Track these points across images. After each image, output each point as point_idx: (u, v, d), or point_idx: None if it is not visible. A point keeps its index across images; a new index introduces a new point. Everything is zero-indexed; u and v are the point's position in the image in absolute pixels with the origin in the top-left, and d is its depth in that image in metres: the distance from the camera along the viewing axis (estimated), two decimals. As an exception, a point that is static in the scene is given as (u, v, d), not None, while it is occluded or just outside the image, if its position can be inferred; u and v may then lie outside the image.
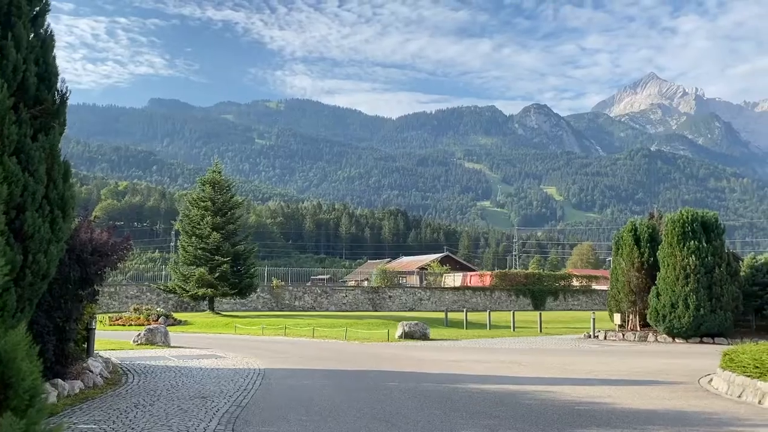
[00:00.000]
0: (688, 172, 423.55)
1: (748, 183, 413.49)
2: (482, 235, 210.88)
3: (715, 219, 25.38)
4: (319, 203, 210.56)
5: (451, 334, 28.49)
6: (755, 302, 25.13)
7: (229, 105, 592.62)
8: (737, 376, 11.03)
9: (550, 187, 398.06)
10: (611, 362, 17.00)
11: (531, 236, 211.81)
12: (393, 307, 49.54)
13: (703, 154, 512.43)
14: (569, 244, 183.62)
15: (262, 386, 12.08)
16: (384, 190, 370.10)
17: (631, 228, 27.30)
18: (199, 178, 44.53)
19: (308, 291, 50.03)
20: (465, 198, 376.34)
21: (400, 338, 25.84)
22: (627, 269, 26.19)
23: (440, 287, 55.13)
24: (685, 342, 23.96)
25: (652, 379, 13.14)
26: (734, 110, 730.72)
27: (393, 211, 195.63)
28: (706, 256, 23.76)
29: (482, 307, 46.38)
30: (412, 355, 19.01)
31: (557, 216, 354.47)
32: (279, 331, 29.28)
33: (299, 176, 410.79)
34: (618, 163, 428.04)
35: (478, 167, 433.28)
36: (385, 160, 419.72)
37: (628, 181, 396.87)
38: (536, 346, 23.57)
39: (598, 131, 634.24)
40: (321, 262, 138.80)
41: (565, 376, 14.00)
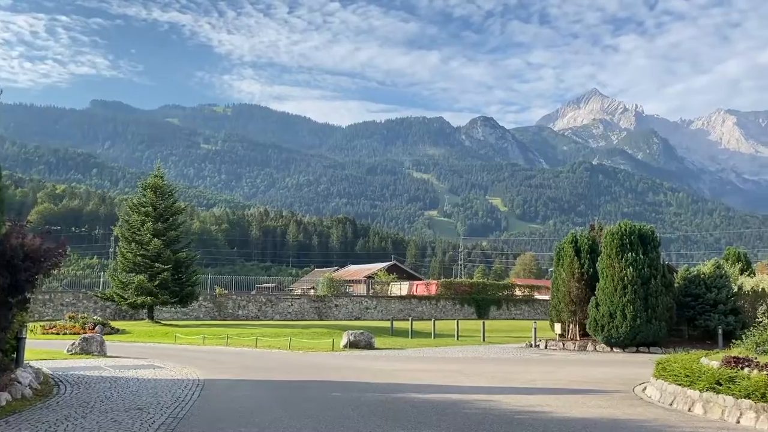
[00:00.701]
0: (628, 186, 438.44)
1: (683, 197, 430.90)
2: (429, 245, 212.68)
3: (651, 232, 26.28)
4: (266, 210, 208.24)
5: (396, 344, 28.53)
6: (688, 313, 26.10)
7: (174, 108, 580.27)
8: (669, 384, 11.41)
9: (496, 198, 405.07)
10: (551, 371, 17.34)
11: (476, 246, 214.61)
12: (339, 316, 49.30)
13: (641, 169, 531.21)
14: (513, 254, 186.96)
15: (201, 397, 11.80)
16: (333, 198, 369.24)
17: (571, 239, 28.01)
18: (140, 183, 43.38)
19: (252, 300, 49.28)
20: (413, 207, 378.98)
21: (345, 348, 25.72)
22: (567, 280, 26.82)
23: (387, 296, 55.19)
24: (622, 351, 24.67)
25: (589, 388, 13.46)
26: (671, 127, 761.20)
27: (341, 219, 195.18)
28: (642, 268, 24.56)
29: (428, 316, 46.61)
30: (357, 365, 18.94)
31: (502, 226, 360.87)
32: (221, 341, 28.71)
33: (246, 182, 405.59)
34: (561, 175, 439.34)
35: (426, 177, 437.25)
36: (335, 168, 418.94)
37: (571, 194, 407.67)
38: (479, 355, 23.86)
39: (542, 144, 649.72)
40: (267, 270, 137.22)
41: (506, 385, 14.20)
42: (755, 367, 10.01)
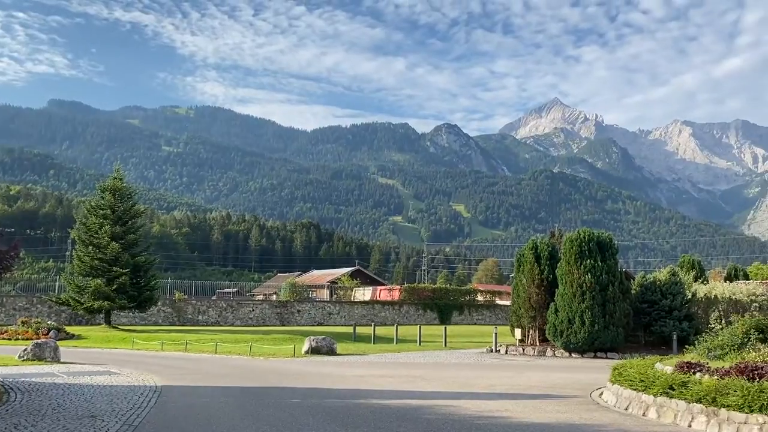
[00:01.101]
0: (588, 194, 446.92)
1: (641, 206, 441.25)
2: (393, 250, 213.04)
3: (609, 239, 26.82)
4: (228, 214, 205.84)
5: (358, 349, 28.47)
6: (644, 319, 26.69)
7: (135, 109, 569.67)
8: (625, 389, 11.64)
9: (459, 204, 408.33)
10: (511, 376, 17.52)
11: (440, 251, 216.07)
12: (301, 322, 48.97)
13: (601, 178, 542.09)
14: (476, 260, 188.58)
15: (158, 404, 11.58)
16: (297, 202, 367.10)
17: (532, 246, 28.39)
18: (99, 185, 42.36)
19: (213, 305, 48.59)
20: (377, 213, 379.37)
21: (306, 353, 25.55)
22: (528, 285, 27.17)
23: (350, 301, 55.05)
24: (580, 357, 25.08)
25: (548, 393, 13.63)
26: (630, 137, 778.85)
27: (305, 224, 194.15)
28: (601, 275, 25.03)
29: (391, 322, 46.69)
30: (318, 371, 18.83)
31: (465, 232, 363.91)
32: (180, 347, 28.24)
33: (208, 185, 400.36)
34: (523, 183, 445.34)
35: (391, 183, 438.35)
36: (299, 172, 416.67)
37: (532, 201, 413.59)
38: (440, 360, 23.97)
39: (504, 152, 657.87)
40: (228, 275, 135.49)
41: (467, 390, 14.29)
42: (706, 372, 10.28)
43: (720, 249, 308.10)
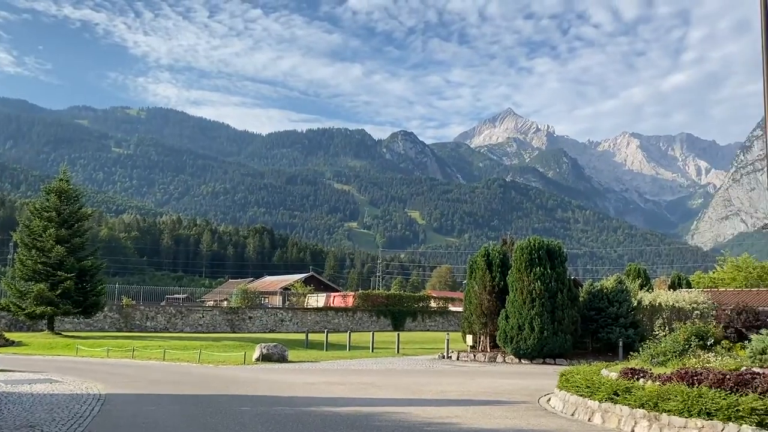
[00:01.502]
0: (539, 203, 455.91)
1: (590, 215, 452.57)
2: (348, 256, 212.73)
3: (559, 247, 27.37)
4: (179, 218, 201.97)
5: (310, 356, 28.27)
6: (592, 326, 27.30)
7: (84, 109, 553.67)
8: (571, 395, 11.87)
9: (414, 211, 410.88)
10: (462, 383, 17.66)
11: (395, 258, 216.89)
12: (253, 329, 48.36)
13: (552, 187, 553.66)
14: (430, 267, 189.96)
15: (102, 413, 11.24)
16: (250, 207, 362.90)
17: (484, 253, 28.74)
18: (44, 186, 41.03)
19: (162, 311, 47.53)
20: (333, 218, 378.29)
21: (257, 361, 25.22)
22: (479, 292, 27.48)
23: (303, 308, 54.66)
24: (530, 363, 25.47)
25: (497, 399, 13.79)
26: (580, 148, 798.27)
27: (258, 229, 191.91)
28: (550, 282, 25.51)
29: (344, 328, 46.52)
30: (269, 378, 18.61)
31: (420, 239, 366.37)
32: (126, 354, 27.50)
33: (159, 189, 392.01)
34: (476, 191, 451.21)
35: (347, 189, 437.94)
36: (253, 177, 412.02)
37: (485, 209, 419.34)
38: (393, 366, 23.99)
39: (459, 160, 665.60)
40: (178, 281, 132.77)
41: (418, 396, 14.34)
42: (649, 378, 10.57)
43: (665, 258, 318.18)
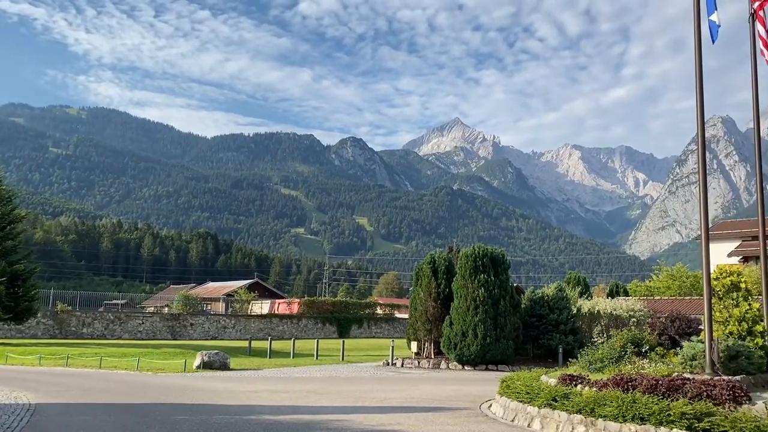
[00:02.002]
0: (484, 211, 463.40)
1: (533, 224, 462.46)
2: (294, 262, 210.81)
3: (502, 255, 27.83)
4: (119, 221, 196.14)
5: (253, 364, 27.83)
6: (533, 332, 27.83)
7: (20, 107, 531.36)
8: (512, 401, 12.03)
9: (362, 217, 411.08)
10: (405, 389, 17.68)
11: (342, 264, 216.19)
12: (194, 336, 47.31)
13: (497, 196, 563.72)
14: (377, 273, 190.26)
15: (31, 424, 10.74)
16: (194, 211, 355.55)
17: (430, 260, 28.97)
18: (-27, 187, 39.10)
19: (99, 317, 45.96)
20: (279, 224, 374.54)
21: (198, 369, 24.67)
22: (425, 299, 27.65)
23: (247, 315, 53.80)
24: (473, 369, 25.74)
25: (439, 406, 13.85)
26: (524, 158, 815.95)
27: (202, 234, 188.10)
28: (493, 289, 25.90)
29: (288, 335, 46.08)
30: (209, 387, 18.19)
31: (367, 246, 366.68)
32: (60, 362, 26.45)
33: (98, 191, 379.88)
34: (424, 198, 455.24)
35: (294, 194, 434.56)
36: (197, 180, 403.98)
37: (432, 216, 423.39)
38: (337, 374, 23.85)
39: (407, 168, 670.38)
40: (118, 286, 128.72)
41: (361, 404, 14.27)
42: (587, 384, 10.81)
43: (604, 266, 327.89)
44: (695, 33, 12.08)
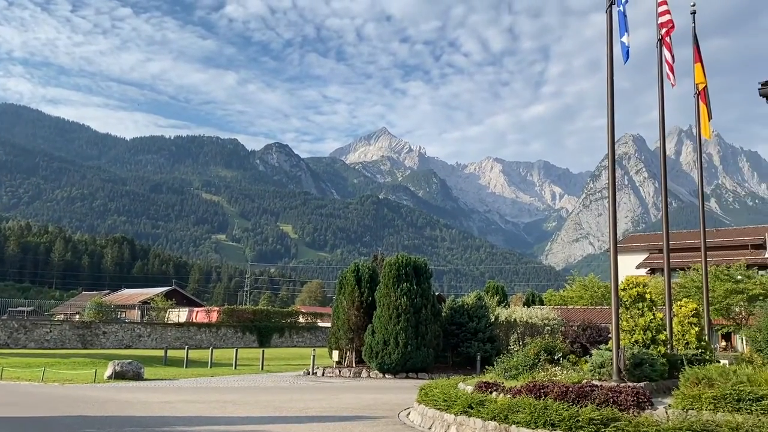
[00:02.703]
0: (409, 221, 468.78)
1: (456, 234, 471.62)
2: (215, 270, 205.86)
3: (425, 264, 28.21)
4: (27, 224, 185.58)
5: (168, 374, 26.94)
6: (453, 340, 28.31)
7: None
8: (430, 409, 12.18)
9: (287, 225, 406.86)
10: (325, 399, 17.58)
11: (264, 272, 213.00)
12: (107, 345, 45.29)
13: (421, 206, 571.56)
14: (300, 282, 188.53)
15: None
16: (110, 214, 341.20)
17: (354, 269, 29.00)
18: None
19: (3, 325, 43.23)
20: (200, 230, 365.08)
21: (109, 379, 23.64)
22: (347, 308, 27.64)
23: (163, 323, 52.01)
24: (394, 377, 25.90)
25: (359, 415, 13.85)
26: (448, 169, 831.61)
27: (118, 239, 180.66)
28: (415, 298, 26.19)
29: (207, 345, 44.92)
30: (120, 398, 17.46)
31: (291, 253, 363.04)
32: (-45, 373, 24.69)
33: (5, 192, 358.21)
34: (350, 207, 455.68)
35: (216, 199, 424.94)
36: (114, 183, 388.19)
37: (358, 225, 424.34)
38: (256, 383, 23.45)
39: (334, 175, 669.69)
40: (24, 292, 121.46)
41: (279, 414, 14.07)
42: (502, 391, 11.09)
43: (522, 276, 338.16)
44: (608, 54, 12.71)
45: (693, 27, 19.54)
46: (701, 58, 18.87)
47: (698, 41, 19.18)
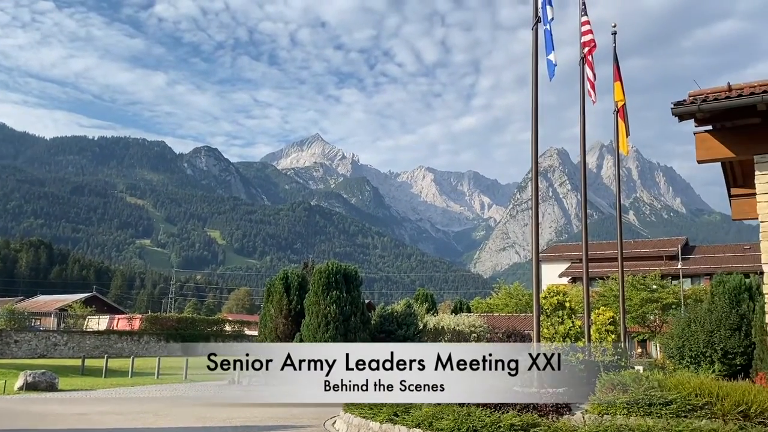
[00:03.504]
0: (341, 228, 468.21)
1: (387, 241, 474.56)
2: (139, 276, 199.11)
3: (355, 272, 28.19)
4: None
5: (86, 384, 25.79)
6: (381, 348, 28.40)
7: None
8: (355, 417, 12.16)
9: (215, 230, 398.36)
10: (249, 408, 17.25)
11: (190, 279, 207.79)
12: (19, 354, 42.96)
13: (354, 213, 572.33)
14: (228, 289, 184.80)
15: None
16: (26, 217, 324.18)
17: (283, 276, 28.69)
18: None
19: None
20: (123, 234, 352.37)
21: (20, 390, 22.39)
22: (275, 316, 27.30)
23: (81, 331, 49.84)
24: (321, 385, 25.69)
25: (283, 424, 13.68)
26: (381, 177, 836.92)
27: (34, 242, 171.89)
28: (345, 305, 26.12)
29: (128, 353, 43.38)
30: (33, 410, 16.58)
31: (219, 260, 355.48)
32: None
33: None
34: (281, 213, 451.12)
35: (141, 203, 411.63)
36: (31, 184, 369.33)
37: (289, 231, 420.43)
38: (178, 393, 22.81)
39: (265, 181, 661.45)
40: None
41: (201, 424, 13.73)
42: (427, 398, 11.20)
43: (451, 284, 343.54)
44: (533, 70, 13.14)
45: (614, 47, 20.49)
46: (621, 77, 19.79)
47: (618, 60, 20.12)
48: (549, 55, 13.72)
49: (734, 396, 9.43)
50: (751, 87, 7.82)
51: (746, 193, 10.38)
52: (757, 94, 7.64)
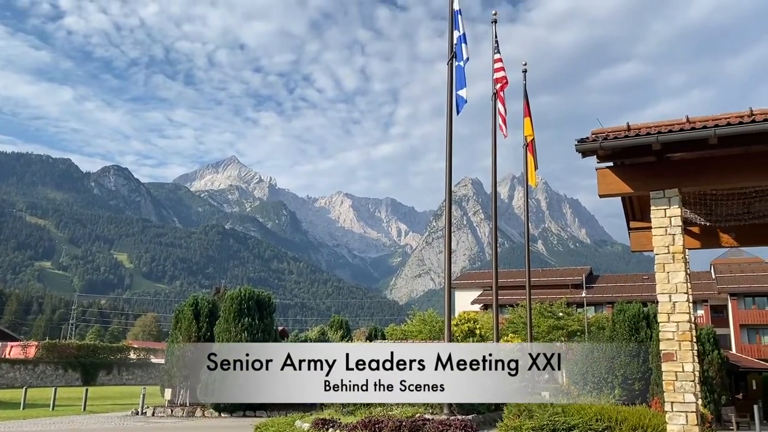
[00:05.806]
0: (256, 252, 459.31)
1: (303, 267, 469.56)
2: (36, 300, 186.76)
3: (268, 298, 27.72)
4: None
5: (-31, 418, 23.81)
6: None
7: None
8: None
9: (122, 253, 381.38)
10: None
11: (94, 304, 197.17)
12: None
13: (270, 238, 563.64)
14: (134, 314, 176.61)
15: None
16: None
17: (192, 302, 27.81)
18: None
19: None
20: (21, 256, 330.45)
21: None
22: (184, 343, 26.33)
23: (-32, 360, 46.15)
24: (230, 416, 24.94)
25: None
26: (299, 202, 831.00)
27: None
28: (257, 333, 25.57)
29: (21, 383, 40.48)
30: None
31: (125, 284, 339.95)
32: None
33: None
34: (193, 236, 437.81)
35: (42, 223, 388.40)
36: None
37: (201, 255, 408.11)
38: (77, 426, 21.45)
39: (177, 203, 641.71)
40: None
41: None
42: (338, 428, 11.09)
43: (367, 310, 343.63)
44: (448, 103, 13.54)
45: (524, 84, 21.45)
46: (530, 113, 20.72)
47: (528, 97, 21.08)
48: (459, 91, 14.22)
49: (631, 420, 9.89)
50: (648, 127, 8.34)
51: (643, 227, 11.02)
52: (653, 134, 8.16)
